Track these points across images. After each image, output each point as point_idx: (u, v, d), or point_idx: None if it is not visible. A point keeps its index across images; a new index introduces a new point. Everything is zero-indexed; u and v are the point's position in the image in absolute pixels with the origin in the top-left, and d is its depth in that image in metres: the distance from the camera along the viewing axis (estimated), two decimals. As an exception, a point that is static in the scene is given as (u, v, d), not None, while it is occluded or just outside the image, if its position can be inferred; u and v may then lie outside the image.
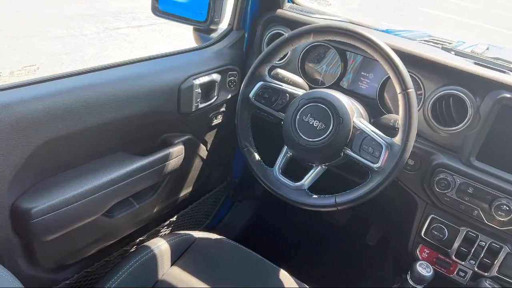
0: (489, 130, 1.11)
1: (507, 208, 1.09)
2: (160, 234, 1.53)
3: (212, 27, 1.45)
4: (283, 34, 1.15)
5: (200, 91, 1.32)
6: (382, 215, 1.79)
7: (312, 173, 1.14)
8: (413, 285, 1.19)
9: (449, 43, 1.65)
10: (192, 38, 1.56)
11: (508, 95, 1.07)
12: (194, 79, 1.29)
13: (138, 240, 1.44)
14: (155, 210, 1.39)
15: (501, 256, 1.18)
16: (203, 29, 1.49)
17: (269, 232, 1.97)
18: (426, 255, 1.31)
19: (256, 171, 1.18)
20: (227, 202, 1.93)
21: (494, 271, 1.19)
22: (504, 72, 1.19)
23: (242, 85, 1.21)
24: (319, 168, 1.14)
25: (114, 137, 1.16)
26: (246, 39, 1.49)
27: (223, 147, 1.65)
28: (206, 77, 1.34)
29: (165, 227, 1.55)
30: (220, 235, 1.28)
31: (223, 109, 1.49)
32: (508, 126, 1.10)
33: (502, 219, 1.11)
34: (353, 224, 2.02)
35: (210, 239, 1.26)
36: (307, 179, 1.13)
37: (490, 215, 1.13)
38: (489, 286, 1.09)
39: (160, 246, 1.18)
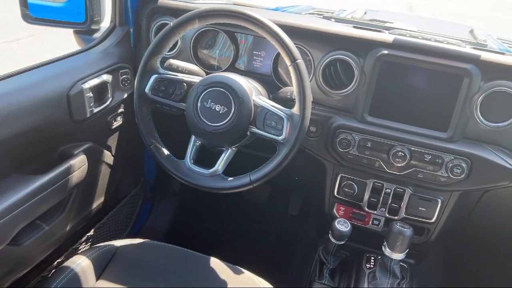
0: (375, 86, 1.20)
1: (402, 154, 1.20)
2: (79, 251, 1.45)
3: (93, 27, 1.38)
4: (168, 24, 1.13)
5: (92, 95, 1.26)
6: (299, 184, 1.86)
7: (224, 157, 1.15)
8: (335, 242, 1.26)
9: (332, 13, 1.74)
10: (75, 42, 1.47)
11: (386, 51, 1.17)
12: (83, 83, 1.22)
13: (56, 262, 1.35)
14: (68, 228, 1.31)
15: (406, 199, 1.29)
16: (84, 31, 1.41)
17: (195, 225, 1.96)
18: (343, 212, 1.40)
19: (167, 166, 1.16)
20: (146, 205, 1.88)
21: (402, 214, 1.31)
22: (380, 31, 1.29)
23: (136, 81, 1.17)
24: (229, 151, 1.15)
25: (3, 160, 1.07)
26: (132, 34, 1.44)
27: (129, 149, 1.59)
28: (96, 79, 1.27)
29: (84, 243, 1.47)
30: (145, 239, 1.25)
31: (121, 110, 1.43)
32: (391, 80, 1.20)
33: (400, 165, 1.22)
34: (275, 199, 2.08)
35: (133, 244, 1.22)
36: (220, 164, 1.14)
37: (389, 163, 1.23)
38: (400, 227, 1.20)
39: (81, 263, 1.11)
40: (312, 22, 1.31)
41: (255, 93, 1.14)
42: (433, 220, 1.29)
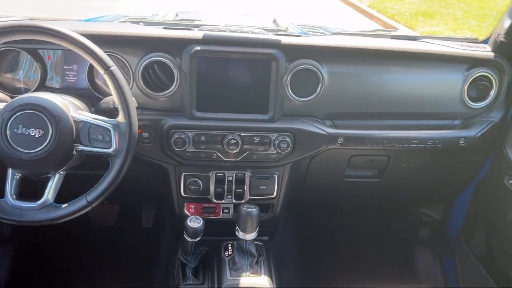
0: (197, 82, 1.24)
1: (235, 141, 1.27)
2: None
3: None
4: None
5: None
6: (146, 195, 1.82)
7: (52, 184, 1.06)
8: (191, 240, 1.27)
9: (144, 18, 1.72)
10: None
11: (199, 48, 1.21)
12: None
13: None
14: None
15: (247, 182, 1.37)
16: None
17: (42, 265, 1.76)
18: (194, 210, 1.41)
19: None
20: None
21: (247, 196, 1.39)
22: (190, 29, 1.33)
23: None
24: (57, 176, 1.07)
25: None
26: None
27: None
28: None
29: None
30: None
31: None
32: (210, 74, 1.25)
33: (235, 152, 1.29)
34: (126, 216, 1.99)
35: None
36: (49, 193, 1.06)
37: (225, 152, 1.29)
38: (246, 209, 1.27)
39: None
40: (121, 28, 1.29)
41: (73, 109, 1.07)
42: (274, 195, 1.40)
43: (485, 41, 1.45)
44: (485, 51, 1.38)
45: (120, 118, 1.04)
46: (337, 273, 1.77)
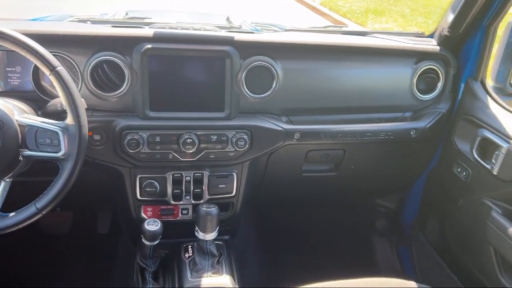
0: (149, 81, 1.21)
1: (191, 140, 1.24)
2: None
3: None
4: None
5: None
6: (101, 200, 1.76)
7: None
8: (150, 243, 1.24)
9: (93, 17, 1.66)
10: None
11: (150, 46, 1.18)
12: None
13: None
14: None
15: (205, 181, 1.35)
16: None
17: None
18: (151, 213, 1.38)
19: None
20: None
21: (206, 196, 1.37)
22: (140, 27, 1.29)
23: None
24: (2, 184, 1.02)
25: None
26: None
27: None
28: None
29: None
30: None
31: None
32: (163, 73, 1.23)
33: (192, 151, 1.26)
34: (80, 223, 1.92)
35: None
36: None
37: (182, 152, 1.27)
38: (206, 209, 1.25)
39: None
40: (67, 27, 1.23)
41: (17, 112, 1.02)
42: (234, 193, 1.39)
43: (431, 36, 1.51)
44: (431, 45, 1.43)
45: (69, 120, 1.00)
46: (298, 268, 1.79)
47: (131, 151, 1.23)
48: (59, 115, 1.09)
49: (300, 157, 1.45)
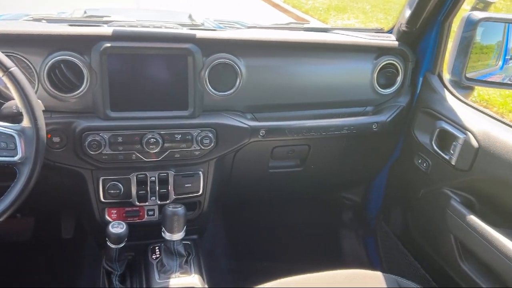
0: (109, 81, 1.18)
1: (155, 140, 1.23)
2: None
3: None
4: None
5: None
6: (64, 204, 1.71)
7: None
8: (115, 246, 1.22)
9: (50, 16, 1.61)
10: None
11: (109, 44, 1.15)
12: None
13: None
14: None
15: (171, 181, 1.34)
16: None
17: None
18: (116, 215, 1.35)
19: None
20: None
21: (172, 196, 1.35)
22: (99, 26, 1.26)
23: None
24: None
25: None
26: None
27: None
28: None
29: None
30: None
31: None
32: (124, 72, 1.20)
33: (156, 151, 1.24)
34: (43, 229, 1.86)
35: None
36: None
37: (145, 152, 1.24)
38: (172, 209, 1.23)
39: None
40: (21, 26, 1.19)
41: None
42: (201, 192, 1.38)
43: (390, 31, 1.54)
44: (390, 40, 1.46)
45: (25, 122, 0.97)
46: (267, 265, 1.80)
47: (93, 152, 1.20)
48: (15, 117, 1.05)
49: (266, 153, 1.45)
